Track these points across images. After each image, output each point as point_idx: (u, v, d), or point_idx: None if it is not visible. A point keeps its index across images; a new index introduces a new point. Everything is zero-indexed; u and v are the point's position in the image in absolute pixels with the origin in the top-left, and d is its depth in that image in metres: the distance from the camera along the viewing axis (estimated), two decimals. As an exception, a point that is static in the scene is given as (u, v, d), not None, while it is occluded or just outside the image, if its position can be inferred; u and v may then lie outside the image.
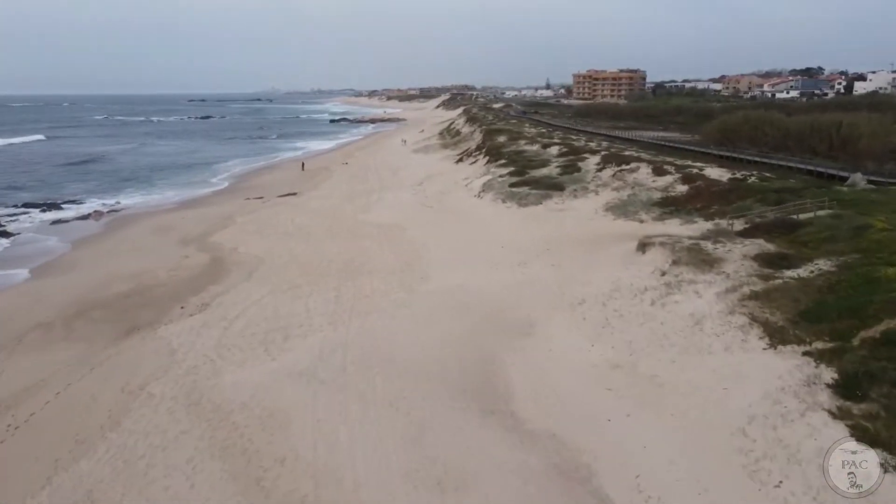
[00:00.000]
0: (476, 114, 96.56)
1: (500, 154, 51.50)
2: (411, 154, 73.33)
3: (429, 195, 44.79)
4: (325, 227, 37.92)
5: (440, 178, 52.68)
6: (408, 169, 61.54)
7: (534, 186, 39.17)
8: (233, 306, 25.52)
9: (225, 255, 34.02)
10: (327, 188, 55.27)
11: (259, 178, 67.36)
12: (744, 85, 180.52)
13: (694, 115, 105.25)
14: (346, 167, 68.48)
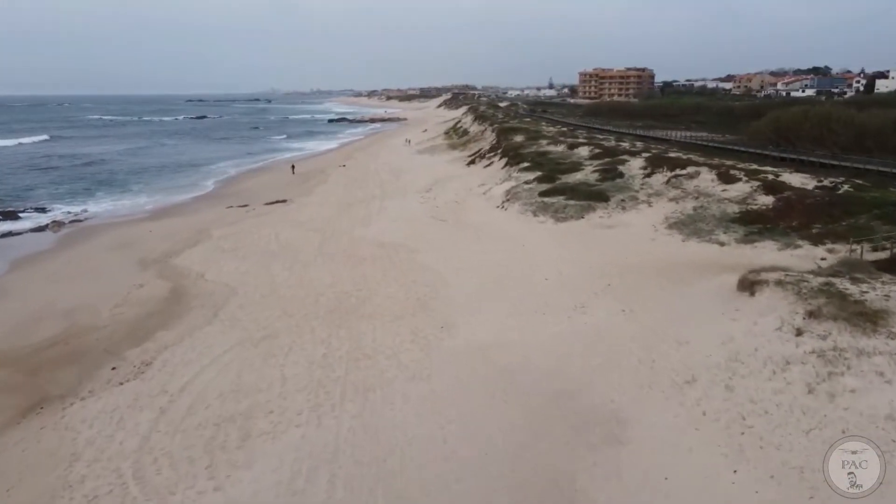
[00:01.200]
0: (484, 112, 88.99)
1: (520, 156, 44.13)
2: (416, 155, 65.91)
3: (440, 205, 37.38)
4: (315, 246, 30.52)
5: (451, 183, 45.28)
6: (413, 172, 54.14)
7: (570, 196, 31.79)
8: (182, 368, 18.21)
9: (189, 283, 26.72)
10: (321, 195, 47.87)
11: (247, 181, 60.00)
12: (755, 83, 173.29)
13: (714, 113, 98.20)
14: (344, 170, 61.06)
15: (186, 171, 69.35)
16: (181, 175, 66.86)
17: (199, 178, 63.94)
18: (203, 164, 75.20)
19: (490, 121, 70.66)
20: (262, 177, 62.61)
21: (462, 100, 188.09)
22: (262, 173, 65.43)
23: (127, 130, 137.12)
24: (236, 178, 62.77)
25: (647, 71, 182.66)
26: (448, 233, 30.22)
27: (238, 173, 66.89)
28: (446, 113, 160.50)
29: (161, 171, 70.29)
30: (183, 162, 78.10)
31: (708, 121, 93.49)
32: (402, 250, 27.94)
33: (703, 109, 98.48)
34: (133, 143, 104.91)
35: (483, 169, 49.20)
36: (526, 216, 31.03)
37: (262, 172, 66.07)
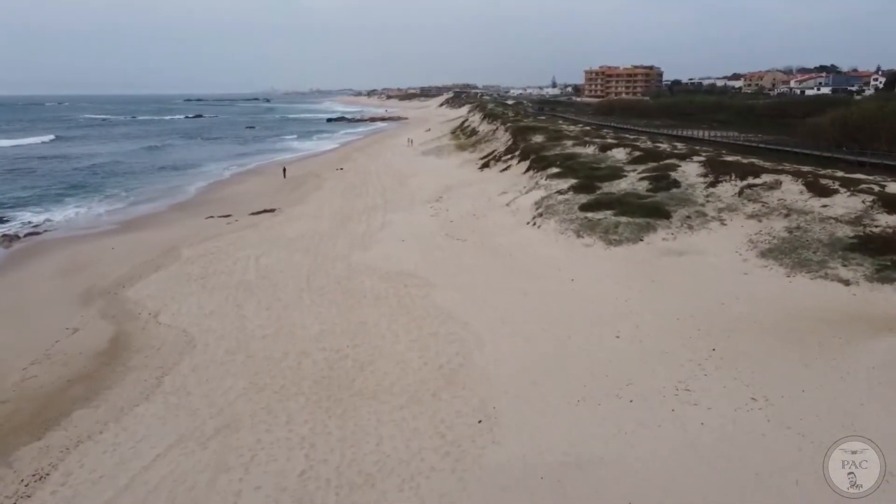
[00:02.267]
0: (493, 110, 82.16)
1: (544, 159, 37.61)
2: (420, 157, 59.33)
3: (455, 219, 30.83)
4: (302, 275, 23.99)
5: (465, 190, 38.73)
6: (419, 177, 47.60)
7: (619, 211, 25.24)
8: (87, 491, 11.89)
9: (136, 328, 20.37)
10: (315, 203, 41.38)
11: (233, 186, 53.50)
12: (766, 81, 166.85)
13: (734, 112, 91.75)
14: (342, 174, 54.51)
15: (170, 175, 62.87)
16: (164, 178, 60.41)
17: (183, 182, 57.45)
18: (190, 167, 68.70)
19: (501, 119, 64.02)
20: (251, 181, 56.08)
21: (464, 99, 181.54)
22: (252, 177, 58.89)
23: (116, 131, 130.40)
24: (223, 183, 56.23)
25: (655, 69, 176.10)
26: (470, 259, 23.68)
27: (226, 177, 60.33)
28: (449, 112, 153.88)
29: (144, 173, 63.81)
30: (169, 164, 71.59)
31: (729, 120, 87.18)
32: (414, 284, 21.40)
33: (723, 108, 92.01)
34: (120, 143, 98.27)
35: (499, 174, 42.67)
36: (567, 236, 24.48)
37: (252, 176, 59.51)
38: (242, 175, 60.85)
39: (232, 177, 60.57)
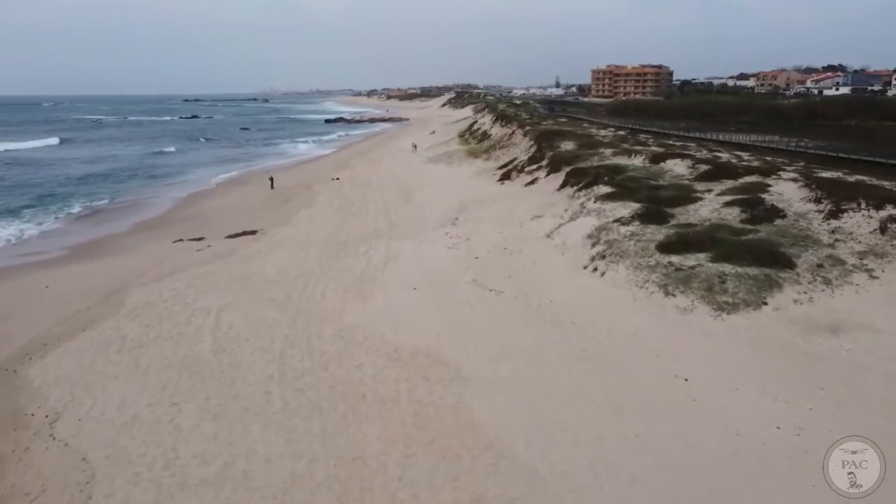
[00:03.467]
0: (505, 111, 74.54)
1: (583, 173, 30.30)
2: (427, 165, 52.00)
3: (480, 253, 23.54)
4: (274, 352, 16.61)
5: (486, 210, 31.46)
6: (427, 190, 40.33)
7: (717, 254, 17.92)
8: None
9: (17, 446, 13.45)
10: (304, 224, 34.17)
11: (215, 199, 46.29)
12: (781, 81, 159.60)
13: (761, 113, 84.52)
14: (337, 185, 47.24)
15: (149, 183, 55.61)
16: (140, 187, 53.23)
17: (160, 193, 50.29)
18: (172, 174, 61.43)
19: (518, 122, 56.59)
20: (235, 192, 48.80)
21: (467, 99, 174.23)
22: (237, 187, 51.58)
23: (103, 133, 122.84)
24: (203, 195, 48.96)
25: (664, 68, 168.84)
26: (514, 326, 16.40)
27: (208, 187, 53.11)
28: (452, 112, 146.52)
29: (121, 181, 56.64)
30: (150, 170, 64.23)
31: (755, 121, 79.96)
32: (436, 375, 14.12)
33: (747, 109, 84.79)
34: (104, 146, 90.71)
35: (525, 189, 35.39)
36: (648, 292, 17.17)
37: (237, 186, 52.20)
38: (227, 185, 53.57)
39: (216, 186, 53.32)
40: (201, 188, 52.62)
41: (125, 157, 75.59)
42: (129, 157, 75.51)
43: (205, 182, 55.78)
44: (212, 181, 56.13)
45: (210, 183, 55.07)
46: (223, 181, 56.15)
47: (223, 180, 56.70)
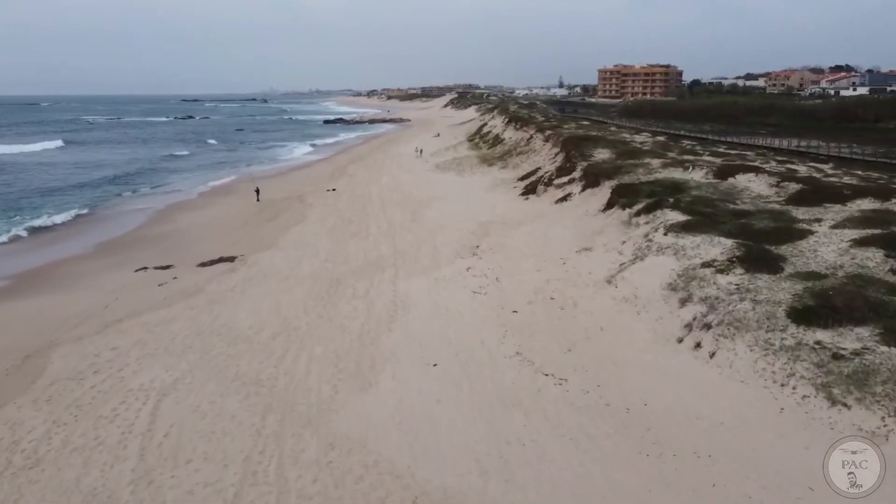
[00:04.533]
0: (517, 112, 68.21)
1: (633, 190, 24.20)
2: (436, 173, 45.93)
3: (518, 304, 17.48)
4: (226, 494, 10.66)
5: (514, 236, 25.41)
6: (439, 205, 34.30)
7: (888, 332, 11.95)
8: None
9: None
10: (291, 250, 28.17)
11: (194, 212, 40.33)
12: (794, 81, 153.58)
13: (788, 115, 78.60)
14: (334, 196, 41.19)
15: (123, 192, 49.55)
16: (113, 198, 47.20)
17: (133, 204, 44.36)
18: (154, 181, 55.37)
19: (535, 125, 50.31)
20: (219, 205, 42.78)
21: (470, 99, 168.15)
22: (221, 198, 45.55)
23: (92, 135, 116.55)
24: (183, 207, 42.94)
25: (673, 68, 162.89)
26: (606, 459, 10.30)
27: (188, 197, 47.08)
28: (455, 113, 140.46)
29: (96, 189, 50.63)
30: (131, 177, 58.18)
31: (783, 123, 74.03)
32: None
33: (773, 110, 78.82)
34: (90, 150, 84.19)
35: (555, 206, 29.34)
36: (796, 395, 11.09)
37: (221, 197, 46.15)
38: (211, 195, 47.52)
39: (198, 197, 47.30)
40: (181, 198, 46.62)
41: (108, 162, 69.49)
42: (111, 162, 69.39)
43: (186, 191, 49.77)
44: (194, 191, 50.12)
45: (192, 193, 49.05)
46: (207, 190, 50.13)
47: (207, 189, 50.69)
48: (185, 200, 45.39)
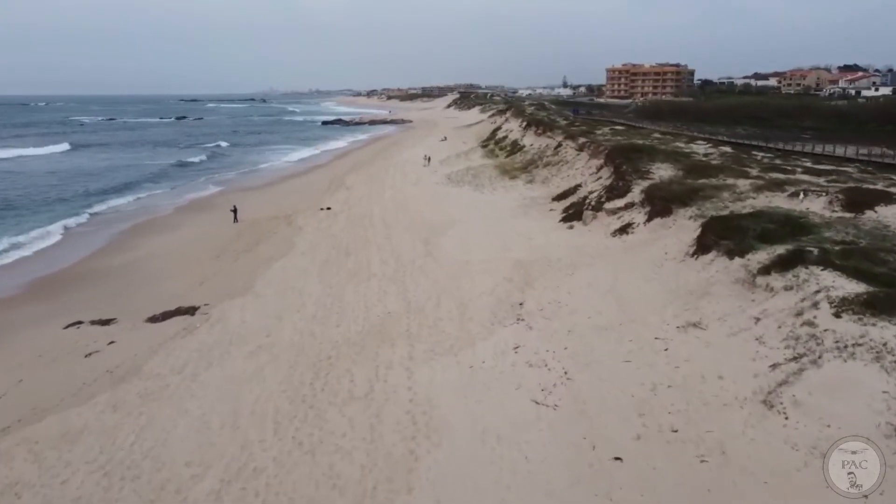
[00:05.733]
0: (535, 114, 60.70)
1: (737, 230, 17.21)
2: (448, 186, 38.89)
3: (621, 438, 10.69)
4: None
5: (569, 288, 18.46)
6: (456, 231, 27.34)
7: None
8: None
9: None
10: (270, 299, 21.22)
11: (160, 237, 33.38)
12: (811, 81, 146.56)
13: (824, 117, 71.77)
14: (328, 216, 34.14)
15: (91, 206, 42.59)
16: (68, 215, 40.12)
17: (94, 224, 37.37)
18: (126, 191, 48.32)
19: (563, 131, 42.91)
20: (190, 225, 35.80)
21: (473, 100, 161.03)
22: (197, 215, 38.55)
23: (77, 137, 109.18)
24: (149, 227, 36.00)
25: (684, 67, 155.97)
26: None
27: (160, 214, 40.12)
28: (459, 114, 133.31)
29: (61, 203, 43.72)
30: (103, 185, 51.16)
31: (820, 126, 67.21)
32: None
33: (807, 112, 71.84)
34: (72, 157, 76.60)
35: (612, 239, 22.37)
36: None
37: (198, 214, 39.13)
38: (187, 211, 40.52)
39: (174, 213, 40.38)
40: (152, 216, 39.67)
41: (86, 168, 62.34)
42: (89, 168, 62.22)
43: (160, 206, 42.80)
44: (170, 205, 43.16)
45: (166, 208, 42.06)
46: (184, 205, 43.16)
47: (185, 204, 43.73)
48: (157, 219, 38.41)
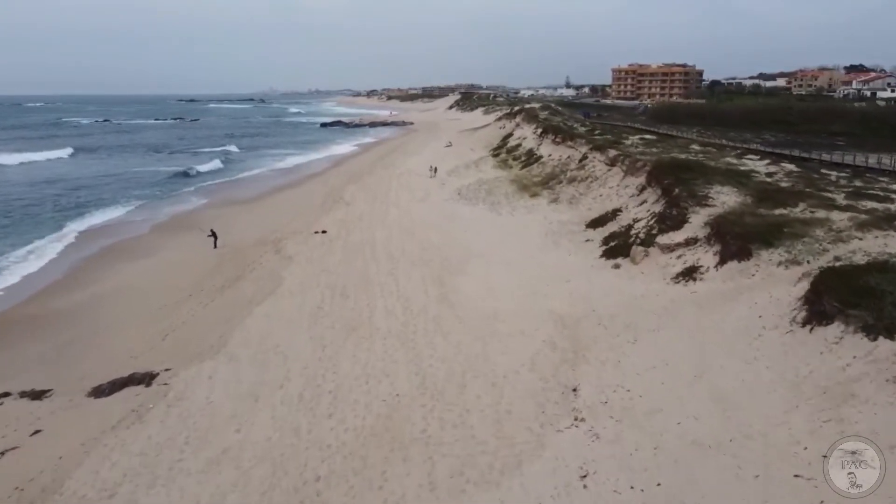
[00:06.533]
0: (550, 120, 55.46)
1: (876, 295, 12.67)
2: (459, 204, 34.08)
3: None
4: None
5: (636, 369, 13.87)
6: (476, 269, 22.60)
7: None
8: None
9: None
10: (245, 362, 16.43)
11: (131, 263, 28.81)
12: (823, 81, 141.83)
13: (855, 121, 67.00)
14: (323, 242, 29.29)
15: (49, 224, 37.78)
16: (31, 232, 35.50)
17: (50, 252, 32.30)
18: (95, 206, 43.38)
19: (587, 142, 37.39)
20: (164, 249, 31.02)
21: (476, 101, 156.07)
22: (175, 237, 33.71)
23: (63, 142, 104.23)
24: (114, 252, 31.31)
25: (693, 67, 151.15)
26: None
27: (135, 234, 35.45)
28: (462, 116, 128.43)
29: (14, 225, 38.56)
30: (74, 199, 46.34)
31: (853, 131, 62.59)
32: None
33: (836, 115, 67.12)
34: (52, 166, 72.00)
35: (675, 287, 17.61)
36: None
37: (173, 235, 34.24)
38: (165, 231, 35.74)
39: (149, 233, 35.69)
40: (127, 236, 35.01)
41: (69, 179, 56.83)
42: (73, 179, 56.54)
43: (138, 224, 38.09)
44: (149, 222, 38.38)
45: (143, 226, 37.28)
46: (165, 222, 38.46)
47: (165, 220, 39.01)
48: (130, 241, 33.66)
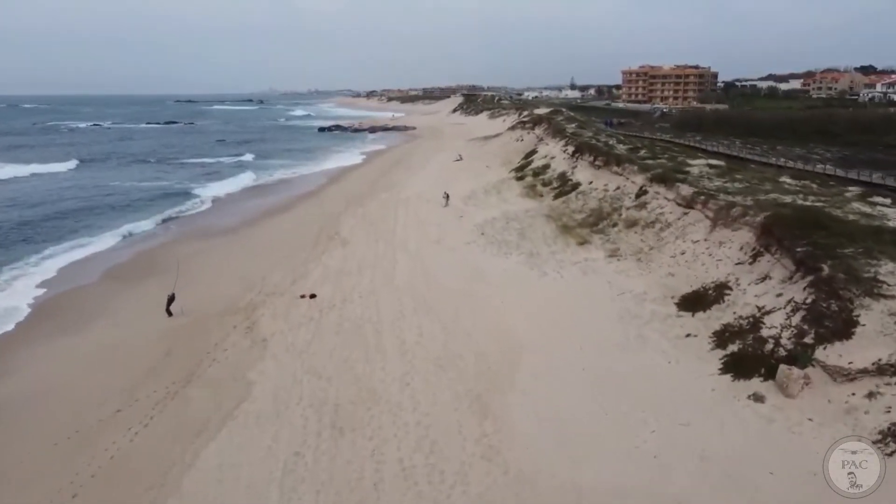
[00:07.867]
0: (580, 135, 47.37)
1: None
2: (484, 252, 26.71)
3: None
4: None
5: None
6: (527, 377, 15.20)
7: None
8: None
9: None
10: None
11: (50, 345, 21.01)
12: (844, 84, 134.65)
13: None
14: (310, 313, 21.66)
15: None
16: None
17: None
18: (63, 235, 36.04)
19: (639, 168, 29.59)
20: (105, 315, 23.46)
21: (481, 104, 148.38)
22: (119, 291, 26.21)
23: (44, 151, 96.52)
24: (43, 321, 23.74)
25: (707, 69, 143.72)
26: None
27: (84, 282, 28.17)
28: (466, 120, 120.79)
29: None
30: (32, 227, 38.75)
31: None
32: None
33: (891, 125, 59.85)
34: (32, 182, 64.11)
35: (881, 457, 10.43)
36: None
37: (121, 288, 26.73)
38: (116, 279, 28.32)
39: (99, 282, 28.33)
40: (69, 287, 27.66)
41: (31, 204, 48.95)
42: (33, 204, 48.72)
43: (86, 267, 30.76)
44: (100, 267, 30.85)
45: (91, 272, 29.80)
46: (120, 265, 31.14)
47: (122, 262, 31.68)
48: (70, 297, 26.27)
